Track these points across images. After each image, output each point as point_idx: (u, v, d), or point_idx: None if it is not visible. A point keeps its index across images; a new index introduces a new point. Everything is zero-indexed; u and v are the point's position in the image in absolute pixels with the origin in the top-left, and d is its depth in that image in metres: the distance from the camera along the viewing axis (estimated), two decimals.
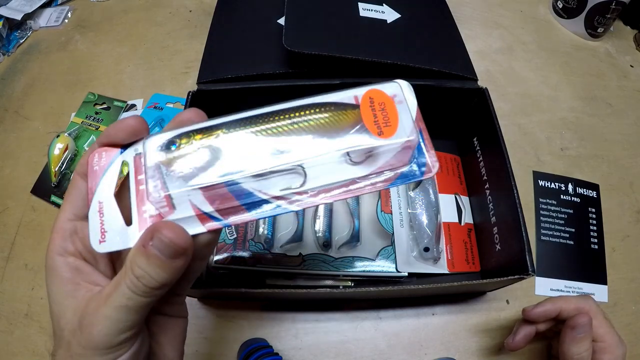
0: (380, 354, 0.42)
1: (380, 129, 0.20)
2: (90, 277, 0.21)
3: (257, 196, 0.20)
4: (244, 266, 0.41)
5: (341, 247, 0.43)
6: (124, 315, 0.19)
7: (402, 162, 0.21)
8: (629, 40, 0.67)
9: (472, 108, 0.44)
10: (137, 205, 0.21)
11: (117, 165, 0.21)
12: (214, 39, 0.45)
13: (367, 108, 0.20)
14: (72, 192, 0.22)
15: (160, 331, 0.23)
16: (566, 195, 0.51)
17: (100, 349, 0.19)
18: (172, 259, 0.19)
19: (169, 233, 0.19)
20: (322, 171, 0.20)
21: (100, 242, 0.20)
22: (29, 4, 0.68)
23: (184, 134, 0.20)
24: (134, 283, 0.19)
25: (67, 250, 0.21)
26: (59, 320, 0.20)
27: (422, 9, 0.49)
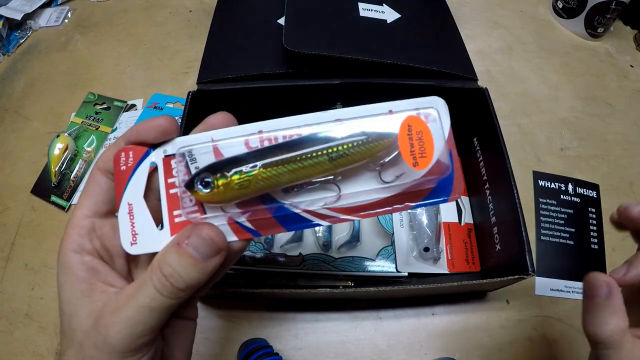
0: (380, 354, 0.42)
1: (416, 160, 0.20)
2: (106, 277, 0.21)
3: (290, 210, 0.20)
4: (244, 266, 0.41)
5: (341, 247, 0.43)
6: (145, 317, 0.18)
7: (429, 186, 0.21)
8: (629, 40, 0.67)
9: (472, 108, 0.44)
10: (169, 209, 0.21)
11: (146, 166, 0.21)
12: (214, 39, 0.45)
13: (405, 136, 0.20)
14: (91, 188, 0.21)
15: (172, 333, 0.22)
16: (566, 195, 0.51)
17: (117, 352, 0.18)
18: (207, 259, 0.19)
19: (209, 231, 0.19)
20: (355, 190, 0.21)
21: (132, 244, 0.20)
22: (29, 4, 0.68)
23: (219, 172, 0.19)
24: (161, 282, 0.18)
25: (84, 248, 0.21)
26: (70, 320, 0.20)
27: (422, 9, 0.49)
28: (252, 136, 0.20)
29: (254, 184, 0.19)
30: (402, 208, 0.21)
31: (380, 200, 0.21)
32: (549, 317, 0.44)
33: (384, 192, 0.21)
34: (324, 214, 0.21)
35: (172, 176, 0.21)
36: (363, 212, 0.21)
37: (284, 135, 0.20)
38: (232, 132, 0.20)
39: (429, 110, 0.20)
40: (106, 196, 0.21)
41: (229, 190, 0.19)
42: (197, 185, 0.19)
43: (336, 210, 0.21)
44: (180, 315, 0.23)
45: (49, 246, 0.48)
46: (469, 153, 0.48)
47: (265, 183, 0.19)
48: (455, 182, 0.21)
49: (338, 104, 0.46)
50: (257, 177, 0.19)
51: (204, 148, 0.20)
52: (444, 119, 0.21)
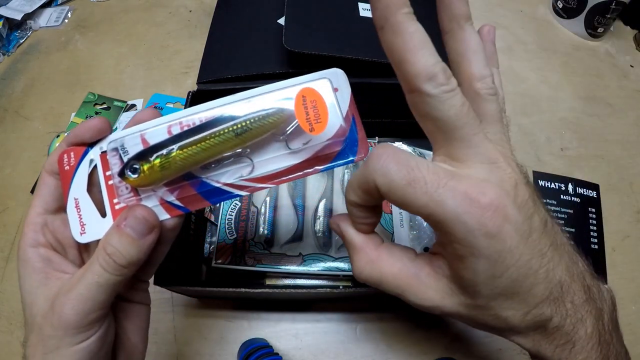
0: (381, 354, 0.42)
1: (312, 126, 0.22)
2: (60, 266, 0.23)
3: (212, 184, 0.23)
4: (244, 266, 0.41)
5: (341, 247, 0.43)
6: (94, 293, 0.20)
7: (335, 149, 0.23)
8: (629, 40, 0.67)
9: None
10: (109, 199, 0.23)
11: (86, 164, 0.23)
12: (214, 39, 0.45)
13: (300, 106, 0.22)
14: (41, 189, 0.24)
15: (125, 317, 0.24)
16: (566, 195, 0.51)
17: (72, 328, 0.20)
18: (143, 236, 0.21)
19: (142, 211, 0.22)
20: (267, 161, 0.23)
21: (81, 233, 0.23)
22: (29, 4, 0.68)
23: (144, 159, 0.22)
24: (105, 260, 0.21)
25: (39, 242, 0.23)
26: (31, 308, 0.22)
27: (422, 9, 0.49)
28: (173, 122, 0.23)
29: (173, 164, 0.22)
30: (312, 172, 0.23)
31: (291, 167, 0.23)
32: None
33: (293, 159, 0.23)
34: (242, 184, 0.23)
35: (109, 169, 0.23)
36: (277, 179, 0.23)
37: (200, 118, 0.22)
38: (156, 122, 0.23)
39: (323, 81, 0.23)
40: (55, 195, 0.24)
41: (154, 173, 0.22)
42: (127, 172, 0.22)
43: (252, 181, 0.23)
44: (131, 300, 0.25)
45: None
46: None
47: (183, 163, 0.22)
48: (360, 143, 0.23)
49: None
50: (175, 159, 0.22)
51: (133, 139, 0.23)
52: (342, 87, 0.23)
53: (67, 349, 0.20)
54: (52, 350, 0.20)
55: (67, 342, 0.20)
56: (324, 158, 0.23)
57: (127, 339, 0.24)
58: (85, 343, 0.21)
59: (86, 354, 0.21)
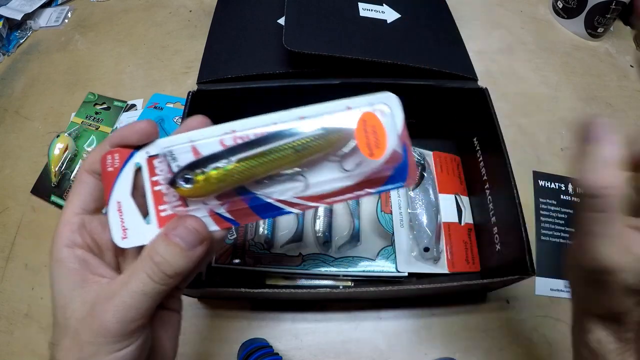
0: (380, 354, 0.42)
1: (372, 151, 0.22)
2: (97, 269, 0.22)
3: (264, 200, 0.23)
4: (244, 266, 0.41)
5: (341, 247, 0.43)
6: (138, 301, 0.20)
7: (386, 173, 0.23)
8: (629, 40, 0.67)
9: (472, 108, 0.44)
10: (155, 205, 0.23)
11: (131, 167, 0.23)
12: (214, 39, 0.45)
13: (362, 131, 0.22)
14: (79, 187, 0.23)
15: (160, 324, 0.24)
16: (566, 195, 0.51)
17: (112, 336, 0.20)
18: (192, 248, 0.21)
19: (193, 222, 0.21)
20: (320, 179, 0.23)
21: (122, 238, 0.22)
22: (29, 4, 0.68)
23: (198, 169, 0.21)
24: (152, 270, 0.20)
25: (76, 243, 0.22)
26: (64, 311, 0.21)
27: (422, 9, 0.49)
28: (226, 135, 0.22)
29: (230, 177, 0.21)
30: (363, 194, 0.23)
31: (343, 188, 0.23)
32: (549, 317, 0.44)
33: (346, 181, 0.23)
34: (294, 202, 0.23)
35: (156, 174, 0.23)
36: (328, 199, 0.23)
37: (255, 133, 0.22)
38: (208, 133, 0.22)
39: (382, 107, 0.23)
40: (94, 195, 0.23)
41: (208, 185, 0.21)
42: (179, 181, 0.21)
43: (304, 199, 0.23)
44: (165, 307, 0.24)
45: (49, 246, 0.48)
46: (469, 153, 0.48)
47: (240, 176, 0.21)
48: (410, 169, 0.23)
49: None
50: (232, 171, 0.21)
51: (183, 148, 0.22)
52: (396, 112, 0.23)
53: (105, 357, 0.20)
54: (89, 357, 0.20)
55: (106, 350, 0.20)
56: (375, 181, 0.23)
57: (160, 347, 0.24)
58: (124, 351, 0.20)
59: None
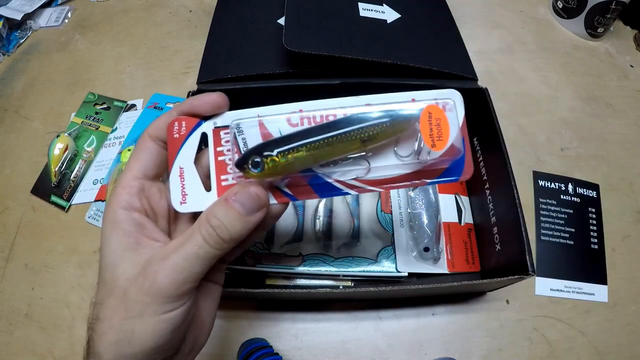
0: (380, 354, 0.42)
1: (434, 142, 0.23)
2: (152, 233, 0.23)
3: (324, 179, 0.23)
4: (244, 266, 0.41)
5: (341, 247, 0.43)
6: (191, 264, 0.20)
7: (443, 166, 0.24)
8: (629, 40, 0.67)
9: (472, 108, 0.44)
10: (217, 175, 0.23)
11: (197, 135, 0.23)
12: (214, 39, 0.45)
13: (426, 122, 0.23)
14: (141, 152, 0.24)
15: (202, 295, 0.24)
16: (566, 195, 0.51)
17: (163, 296, 0.20)
18: (251, 213, 0.21)
19: (256, 189, 0.21)
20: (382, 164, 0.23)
21: (181, 203, 0.23)
22: (29, 4, 0.68)
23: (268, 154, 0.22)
24: (208, 232, 0.20)
25: (133, 206, 0.23)
26: (114, 270, 0.21)
27: (422, 9, 0.49)
28: (293, 114, 0.23)
29: (298, 163, 0.22)
30: (420, 183, 0.24)
31: (401, 176, 0.23)
32: (549, 317, 0.44)
33: (405, 169, 0.23)
34: (353, 184, 0.23)
35: (221, 145, 0.23)
36: (386, 185, 0.24)
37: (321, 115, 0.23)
38: (276, 109, 0.23)
39: (447, 101, 0.23)
40: (155, 161, 0.24)
41: (276, 169, 0.22)
42: (249, 166, 0.22)
43: (364, 182, 0.23)
44: (210, 279, 0.25)
45: (49, 246, 0.48)
46: None
47: (307, 161, 0.22)
48: (466, 164, 0.24)
49: None
50: (300, 157, 0.22)
51: (250, 122, 0.23)
52: (459, 109, 0.24)
53: (152, 317, 0.20)
54: (135, 316, 0.20)
55: (153, 310, 0.20)
56: (432, 173, 0.24)
57: (199, 316, 0.24)
58: (171, 314, 0.20)
59: (169, 325, 0.20)
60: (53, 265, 0.47)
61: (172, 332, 0.21)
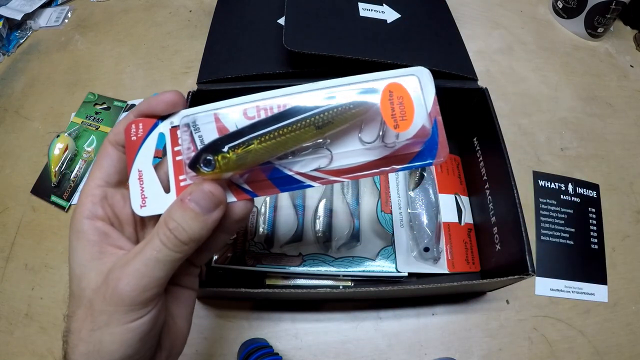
0: (380, 354, 0.42)
1: (397, 122, 0.21)
2: (117, 241, 0.22)
3: (284, 172, 0.22)
4: (244, 266, 0.41)
5: (341, 247, 0.43)
6: (152, 269, 0.20)
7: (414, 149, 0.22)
8: (629, 40, 0.67)
9: (472, 108, 0.44)
10: (175, 175, 0.22)
11: (154, 137, 0.23)
12: (214, 39, 0.45)
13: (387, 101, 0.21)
14: (103, 159, 0.23)
15: (174, 301, 0.24)
16: (566, 195, 0.51)
17: (126, 304, 0.19)
18: (207, 212, 0.20)
19: (209, 186, 0.21)
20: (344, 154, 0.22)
21: (141, 206, 0.22)
22: (29, 4, 0.68)
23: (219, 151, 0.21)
24: (166, 235, 0.20)
25: (97, 215, 0.22)
26: (80, 281, 0.21)
27: (422, 9, 0.49)
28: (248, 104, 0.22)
29: (251, 157, 0.21)
30: (389, 170, 0.22)
31: (368, 163, 0.22)
32: (549, 317, 0.44)
33: (371, 155, 0.22)
34: (315, 175, 0.22)
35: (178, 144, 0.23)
36: (351, 174, 0.22)
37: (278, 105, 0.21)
38: (231, 102, 0.22)
39: (411, 78, 0.22)
40: (117, 167, 0.23)
41: (230, 166, 0.21)
42: (201, 165, 0.21)
43: (326, 172, 0.22)
44: (181, 284, 0.24)
45: (49, 246, 0.48)
46: (469, 153, 0.48)
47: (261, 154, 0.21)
48: (440, 146, 0.22)
49: None
50: (253, 151, 0.21)
51: (206, 117, 0.22)
52: (427, 86, 0.22)
53: (118, 327, 0.19)
54: (101, 327, 0.19)
55: (118, 320, 0.19)
56: (403, 158, 0.22)
57: (174, 323, 0.24)
58: (137, 322, 0.20)
59: (138, 334, 0.20)
60: (53, 265, 0.47)
61: (140, 341, 0.20)
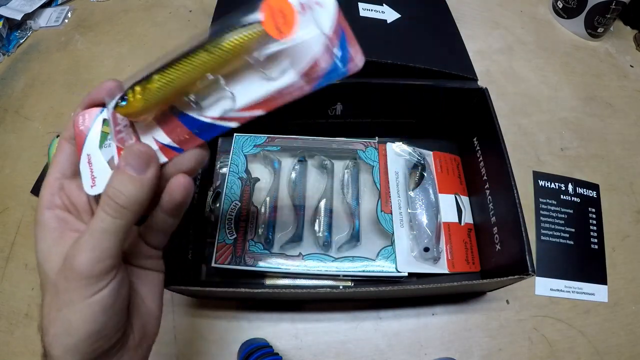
0: (380, 354, 0.42)
1: (280, 29, 0.21)
2: (74, 225, 0.24)
3: (201, 120, 0.23)
4: (244, 266, 0.41)
5: (341, 247, 0.43)
6: (100, 239, 0.21)
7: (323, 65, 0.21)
8: (629, 40, 0.67)
9: (472, 108, 0.44)
10: (117, 151, 0.24)
11: (99, 122, 0.25)
12: None
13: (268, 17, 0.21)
14: (59, 155, 0.25)
15: (140, 283, 0.25)
16: (566, 195, 0.51)
17: (83, 277, 0.20)
18: (142, 171, 0.22)
19: (138, 146, 0.22)
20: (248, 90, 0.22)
21: (91, 186, 0.24)
22: (29, 4, 0.68)
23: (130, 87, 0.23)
24: (107, 204, 0.21)
25: (55, 204, 0.24)
26: (44, 266, 0.22)
27: (422, 9, 0.49)
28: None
29: (153, 89, 0.22)
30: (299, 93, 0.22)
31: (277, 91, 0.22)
32: (549, 317, 0.44)
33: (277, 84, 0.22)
34: (231, 116, 0.23)
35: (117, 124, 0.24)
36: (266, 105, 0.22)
37: None
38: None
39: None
40: (71, 160, 0.25)
41: (139, 99, 0.22)
42: (119, 101, 0.22)
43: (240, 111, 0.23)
44: (145, 267, 0.26)
45: None
46: (469, 153, 0.48)
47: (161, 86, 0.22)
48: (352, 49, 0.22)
49: (338, 104, 0.46)
50: (153, 83, 0.22)
51: None
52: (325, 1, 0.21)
53: (81, 303, 0.20)
54: (67, 305, 0.20)
55: (80, 295, 0.20)
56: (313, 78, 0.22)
57: (143, 304, 0.25)
58: (98, 295, 0.21)
59: (100, 307, 0.21)
60: None
61: (105, 313, 0.21)
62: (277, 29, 0.21)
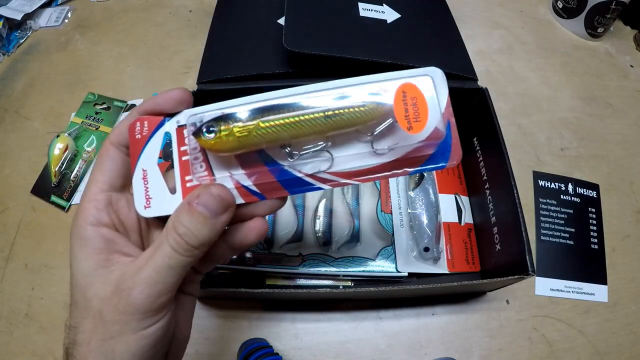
0: (380, 354, 0.42)
1: (410, 124, 0.21)
2: (123, 248, 0.21)
3: (293, 174, 0.22)
4: (244, 266, 0.41)
5: (341, 247, 0.43)
6: (164, 276, 0.19)
7: (427, 152, 0.22)
8: (629, 40, 0.67)
9: (472, 108, 0.44)
10: (181, 175, 0.22)
11: (160, 135, 0.22)
12: (214, 39, 0.45)
13: (400, 102, 0.21)
14: (105, 163, 0.22)
15: (179, 308, 0.23)
16: (566, 195, 0.51)
17: (140, 312, 0.19)
18: (216, 216, 0.20)
19: (217, 189, 0.20)
20: (350, 157, 0.22)
21: (145, 207, 0.22)
22: (29, 4, 0.68)
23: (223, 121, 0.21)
24: (176, 241, 0.19)
25: (101, 221, 0.21)
26: (85, 291, 0.20)
27: (422, 9, 0.49)
28: (256, 104, 0.21)
29: (253, 134, 0.20)
30: (401, 173, 0.22)
31: (377, 166, 0.22)
32: (549, 317, 0.44)
33: (380, 158, 0.21)
34: (325, 177, 0.22)
35: (184, 144, 0.22)
36: (362, 177, 0.22)
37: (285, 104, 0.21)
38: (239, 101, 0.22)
39: (425, 78, 0.21)
40: (120, 170, 0.22)
41: (231, 139, 0.20)
42: (204, 132, 0.20)
43: (336, 175, 0.22)
44: (184, 291, 0.24)
45: (49, 246, 0.48)
46: (469, 153, 0.48)
47: (263, 135, 0.20)
48: (453, 149, 0.21)
49: None
50: (255, 129, 0.20)
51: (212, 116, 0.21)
52: (440, 87, 0.22)
53: (131, 335, 0.19)
54: (114, 336, 0.19)
55: (132, 328, 0.19)
56: (415, 161, 0.22)
57: (178, 329, 0.23)
58: (151, 329, 0.20)
59: (151, 341, 0.20)
60: (53, 265, 0.47)
61: (154, 347, 0.20)
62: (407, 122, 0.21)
